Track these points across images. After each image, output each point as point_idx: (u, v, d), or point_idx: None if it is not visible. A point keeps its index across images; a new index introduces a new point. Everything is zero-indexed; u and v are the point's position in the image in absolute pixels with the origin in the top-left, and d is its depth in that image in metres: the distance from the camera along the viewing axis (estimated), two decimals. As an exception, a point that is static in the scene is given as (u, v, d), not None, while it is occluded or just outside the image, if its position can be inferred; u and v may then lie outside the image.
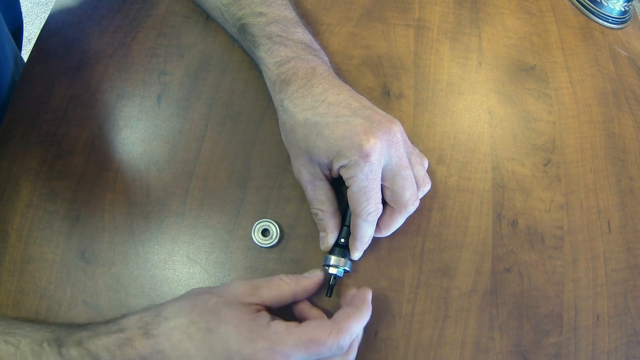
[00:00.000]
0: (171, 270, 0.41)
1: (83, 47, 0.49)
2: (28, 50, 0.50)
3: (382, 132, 0.36)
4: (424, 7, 0.53)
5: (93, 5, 0.51)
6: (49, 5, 1.67)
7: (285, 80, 0.40)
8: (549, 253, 0.44)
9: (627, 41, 0.59)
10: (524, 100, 0.50)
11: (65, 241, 0.42)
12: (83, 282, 0.40)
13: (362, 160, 0.35)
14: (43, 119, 0.46)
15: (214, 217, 0.43)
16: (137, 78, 0.48)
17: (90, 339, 0.33)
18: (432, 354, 0.40)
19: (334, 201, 0.40)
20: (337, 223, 0.40)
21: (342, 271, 0.39)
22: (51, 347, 0.33)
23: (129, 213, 0.42)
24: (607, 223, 0.46)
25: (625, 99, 0.53)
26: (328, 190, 0.40)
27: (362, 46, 0.50)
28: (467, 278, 0.42)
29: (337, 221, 0.40)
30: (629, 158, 0.50)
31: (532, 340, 0.41)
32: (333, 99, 0.38)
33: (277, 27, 0.42)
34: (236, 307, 0.33)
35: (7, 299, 0.40)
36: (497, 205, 0.45)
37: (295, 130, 0.39)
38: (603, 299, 0.43)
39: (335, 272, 0.39)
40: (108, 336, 0.33)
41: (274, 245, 0.41)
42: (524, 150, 0.47)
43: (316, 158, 0.38)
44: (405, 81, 0.49)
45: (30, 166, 0.44)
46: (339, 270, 0.39)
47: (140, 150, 0.45)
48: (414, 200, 0.39)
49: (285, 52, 0.41)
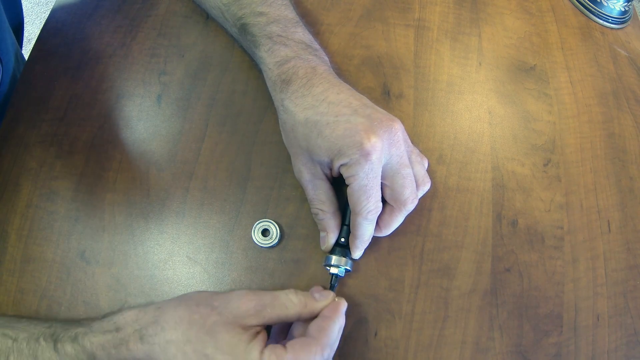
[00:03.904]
0: (171, 270, 0.41)
1: (83, 47, 0.49)
2: (28, 50, 0.50)
3: (383, 130, 0.36)
4: (424, 7, 0.53)
5: (93, 5, 0.51)
6: (49, 5, 1.67)
7: (285, 80, 0.40)
8: (549, 253, 0.44)
9: (627, 41, 0.59)
10: (524, 100, 0.50)
11: (65, 241, 0.42)
12: (83, 282, 0.40)
13: (362, 158, 0.35)
14: (43, 119, 0.46)
15: (214, 217, 0.42)
16: (137, 78, 0.48)
17: (85, 336, 0.33)
18: (432, 354, 0.40)
19: (335, 201, 0.40)
20: (338, 223, 0.40)
21: (344, 271, 0.39)
22: (47, 342, 0.33)
23: (129, 213, 0.42)
24: (607, 223, 0.46)
25: (625, 99, 0.53)
26: (328, 189, 0.40)
27: (362, 46, 0.50)
28: (467, 278, 0.42)
29: (338, 221, 0.40)
30: (629, 158, 0.50)
31: (532, 340, 0.41)
32: (333, 98, 0.38)
33: (277, 26, 0.42)
34: (234, 331, 0.32)
35: (7, 298, 0.40)
36: (497, 205, 0.45)
37: (296, 129, 0.39)
38: (603, 299, 0.43)
39: (336, 272, 0.39)
40: (103, 334, 0.33)
41: (274, 245, 0.41)
42: (524, 150, 0.47)
43: (317, 157, 0.38)
44: (405, 81, 0.49)
45: (30, 166, 0.44)
46: (341, 269, 0.39)
47: (140, 150, 0.45)
48: (413, 199, 0.39)
49: (286, 51, 0.41)
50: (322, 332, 0.34)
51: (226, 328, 0.32)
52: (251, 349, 0.32)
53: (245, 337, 0.32)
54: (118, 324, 0.33)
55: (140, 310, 0.34)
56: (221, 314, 0.33)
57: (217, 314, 0.33)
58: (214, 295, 0.35)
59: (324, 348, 0.33)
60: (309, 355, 0.32)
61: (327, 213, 0.39)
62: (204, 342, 0.32)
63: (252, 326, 0.33)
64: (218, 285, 0.41)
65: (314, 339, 0.33)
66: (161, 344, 0.32)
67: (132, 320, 0.33)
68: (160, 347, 0.32)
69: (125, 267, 0.41)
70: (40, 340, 0.33)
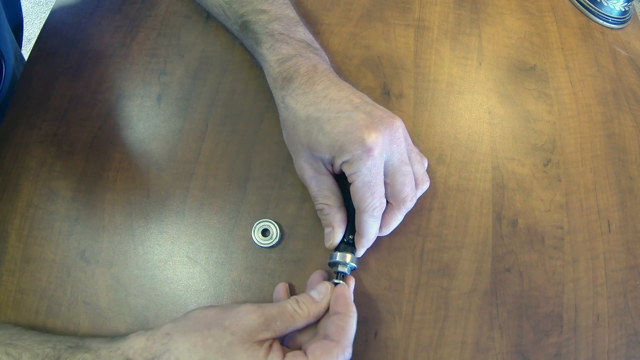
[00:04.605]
0: (171, 270, 0.41)
1: (83, 47, 0.49)
2: (28, 50, 0.50)
3: (384, 127, 0.36)
4: (424, 7, 0.53)
5: (93, 5, 0.51)
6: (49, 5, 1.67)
7: (287, 78, 0.40)
8: (549, 253, 0.44)
9: (627, 41, 0.59)
10: (524, 100, 0.50)
11: (65, 241, 0.42)
12: (83, 282, 0.40)
13: (365, 154, 0.35)
14: (43, 119, 0.46)
15: (214, 217, 0.42)
16: (137, 78, 0.48)
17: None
18: (432, 354, 0.40)
19: (339, 195, 0.40)
20: (344, 217, 0.39)
21: (350, 268, 0.39)
22: None
23: (129, 213, 0.42)
24: (607, 223, 0.46)
25: (625, 99, 0.53)
26: (332, 184, 0.39)
27: (362, 46, 0.50)
28: (467, 278, 0.42)
29: (343, 215, 0.39)
30: (629, 158, 0.50)
31: (532, 340, 0.41)
32: (335, 95, 0.38)
33: (279, 24, 0.42)
34: (251, 349, 0.31)
35: (7, 299, 0.40)
36: (497, 205, 0.45)
37: (297, 126, 0.39)
38: (603, 299, 0.43)
39: (344, 270, 0.38)
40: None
41: (274, 245, 0.41)
42: (524, 150, 0.47)
43: (318, 154, 0.38)
44: (405, 81, 0.49)
45: (30, 166, 0.44)
46: (349, 266, 0.38)
47: (140, 150, 0.45)
48: (412, 197, 0.39)
49: (287, 49, 0.41)
50: (340, 333, 0.33)
51: (243, 347, 0.31)
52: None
53: (262, 353, 0.31)
54: (127, 354, 0.32)
55: (148, 338, 0.33)
56: (234, 333, 0.32)
57: (231, 334, 0.32)
58: (221, 314, 0.33)
59: (344, 349, 0.32)
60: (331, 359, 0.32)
61: (333, 207, 0.39)
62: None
63: (266, 340, 0.33)
64: (218, 285, 0.41)
65: (334, 342, 0.33)
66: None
67: (140, 349, 0.32)
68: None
69: (125, 267, 0.41)
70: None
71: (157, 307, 0.40)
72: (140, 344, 0.33)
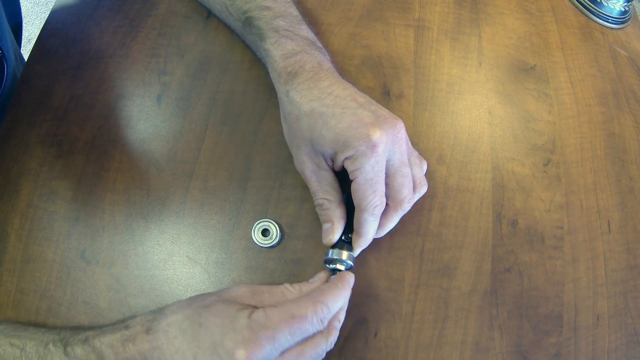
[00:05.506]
0: (171, 270, 0.41)
1: (83, 47, 0.49)
2: (28, 50, 0.50)
3: (388, 126, 0.37)
4: (424, 7, 0.53)
5: (93, 5, 0.51)
6: (49, 5, 1.67)
7: (292, 73, 0.40)
8: (549, 253, 0.44)
9: (627, 41, 0.59)
10: (524, 100, 0.50)
11: (65, 241, 0.42)
12: (83, 282, 0.40)
13: (369, 150, 0.35)
14: (43, 119, 0.46)
15: (214, 217, 0.42)
16: (137, 78, 0.48)
17: (96, 337, 0.33)
18: (432, 354, 0.40)
19: (340, 191, 0.39)
20: (343, 213, 0.39)
21: (346, 267, 0.39)
22: (56, 347, 0.33)
23: (129, 213, 0.42)
24: (607, 223, 0.46)
25: (625, 99, 0.53)
26: (333, 180, 0.39)
27: (362, 46, 0.50)
28: (467, 278, 0.42)
29: (343, 211, 0.39)
30: (629, 158, 0.50)
31: (532, 340, 0.41)
32: (340, 92, 0.38)
33: (283, 21, 0.43)
34: (230, 304, 0.33)
35: (7, 299, 0.40)
36: (497, 205, 0.45)
37: (300, 119, 0.39)
38: (603, 299, 0.43)
39: (342, 268, 0.38)
40: (113, 333, 0.33)
41: (274, 245, 0.41)
42: (524, 150, 0.47)
43: (320, 148, 0.38)
44: (405, 81, 0.49)
45: (30, 166, 0.44)
46: (345, 264, 0.38)
47: (140, 150, 0.45)
48: (410, 199, 0.39)
49: (292, 45, 0.41)
50: (317, 290, 0.34)
51: (223, 303, 0.33)
52: (241, 311, 0.32)
53: (238, 306, 0.32)
54: (128, 323, 0.34)
55: (151, 312, 0.35)
56: (219, 295, 0.34)
57: (216, 295, 0.34)
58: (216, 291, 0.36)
59: (315, 303, 0.32)
60: (299, 308, 0.32)
61: (332, 202, 0.39)
62: (199, 314, 0.32)
63: (249, 305, 0.33)
64: (218, 285, 0.41)
65: (307, 297, 0.33)
66: (164, 328, 0.32)
67: (142, 319, 0.34)
68: (163, 332, 0.32)
69: (125, 267, 0.41)
70: (49, 346, 0.33)
71: (157, 307, 0.40)
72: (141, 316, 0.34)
